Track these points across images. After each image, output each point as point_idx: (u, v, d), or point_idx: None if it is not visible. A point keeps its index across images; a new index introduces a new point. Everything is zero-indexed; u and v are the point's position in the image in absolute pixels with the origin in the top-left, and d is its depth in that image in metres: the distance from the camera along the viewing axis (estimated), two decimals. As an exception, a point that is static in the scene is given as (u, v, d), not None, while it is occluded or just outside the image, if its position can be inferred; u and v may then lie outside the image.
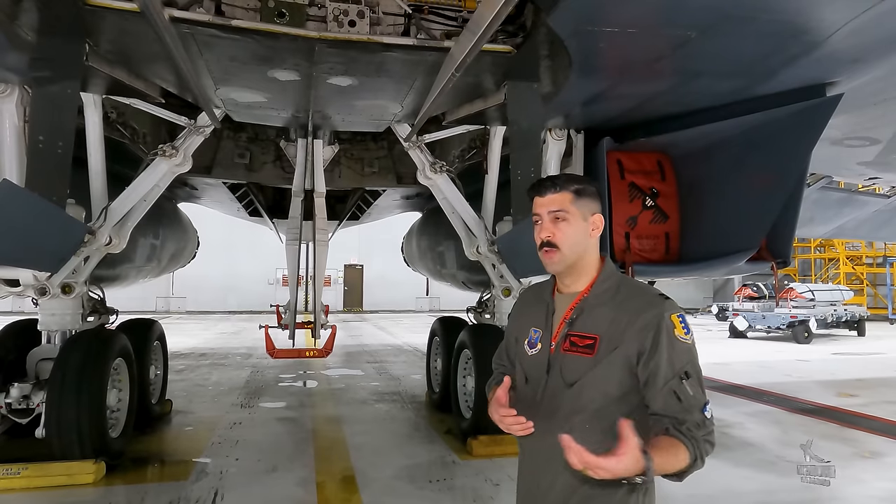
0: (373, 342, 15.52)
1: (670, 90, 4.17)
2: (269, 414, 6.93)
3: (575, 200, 1.62)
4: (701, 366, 1.57)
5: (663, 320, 1.52)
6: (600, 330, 1.56)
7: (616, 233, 4.98)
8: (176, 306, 27.76)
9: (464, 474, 4.79)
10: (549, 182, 1.65)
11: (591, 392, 1.54)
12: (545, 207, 1.63)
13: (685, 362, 1.51)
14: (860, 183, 8.80)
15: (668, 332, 1.52)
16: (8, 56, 3.60)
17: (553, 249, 1.61)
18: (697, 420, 1.48)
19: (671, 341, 1.51)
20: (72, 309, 5.07)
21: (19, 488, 4.27)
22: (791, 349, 14.84)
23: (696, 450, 1.45)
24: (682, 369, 1.50)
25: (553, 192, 1.62)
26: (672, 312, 1.54)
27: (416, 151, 5.53)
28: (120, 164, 5.31)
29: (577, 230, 1.62)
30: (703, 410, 1.49)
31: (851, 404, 7.86)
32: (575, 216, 1.62)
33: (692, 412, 1.48)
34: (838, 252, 28.89)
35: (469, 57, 3.13)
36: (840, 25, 3.13)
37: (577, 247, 1.62)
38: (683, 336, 1.53)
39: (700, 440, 1.47)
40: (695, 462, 1.46)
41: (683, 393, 1.49)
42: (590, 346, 1.56)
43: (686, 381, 1.49)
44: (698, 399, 1.50)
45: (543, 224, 1.63)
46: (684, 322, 1.55)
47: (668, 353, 1.50)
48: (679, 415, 1.49)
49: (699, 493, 4.48)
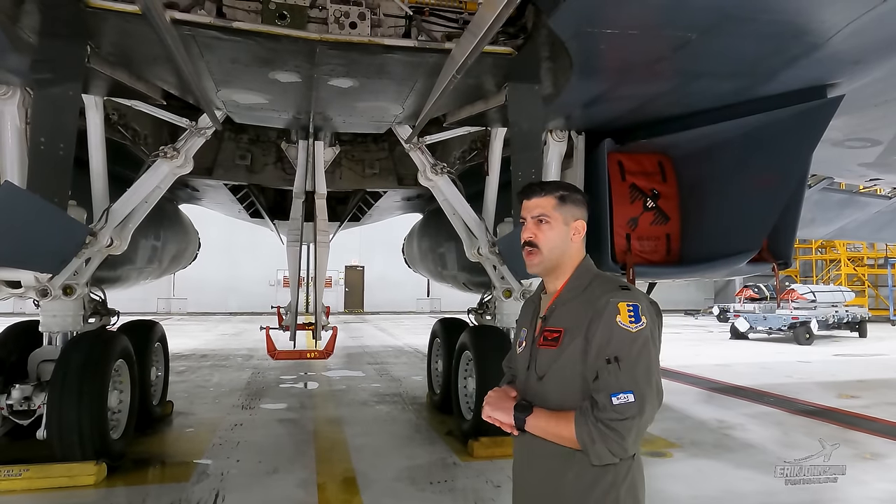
0: (374, 343, 15.52)
1: (671, 91, 4.17)
2: (270, 415, 6.93)
3: (558, 206, 1.70)
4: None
5: (608, 306, 1.56)
6: (566, 323, 1.64)
7: (617, 234, 4.97)
8: (177, 307, 27.78)
9: (465, 476, 4.79)
10: (536, 187, 1.76)
11: (554, 383, 1.61)
12: (530, 211, 1.73)
13: (618, 348, 1.52)
14: (861, 184, 8.81)
15: (610, 317, 1.55)
16: (10, 58, 3.61)
17: (534, 250, 1.71)
18: (599, 400, 1.49)
19: (610, 326, 1.54)
20: (73, 310, 5.08)
21: (21, 490, 4.27)
22: (792, 350, 14.82)
23: (581, 425, 1.49)
24: (612, 353, 1.52)
25: (538, 196, 1.73)
26: (622, 300, 1.56)
27: (417, 153, 5.53)
28: (121, 166, 5.31)
29: (557, 234, 1.70)
30: (613, 395, 1.48)
31: (853, 406, 7.85)
32: (557, 220, 1.70)
33: (599, 392, 1.50)
34: (839, 253, 28.89)
35: (470, 59, 3.13)
36: (841, 27, 3.12)
37: (556, 250, 1.70)
38: (626, 323, 1.54)
39: (593, 419, 1.48)
40: (580, 438, 1.49)
41: (602, 374, 1.52)
42: (555, 339, 1.63)
43: (610, 365, 1.51)
44: (611, 383, 1.50)
45: (527, 226, 1.73)
46: (634, 312, 1.55)
47: (604, 336, 1.54)
48: (591, 393, 1.52)
49: (701, 495, 4.48)
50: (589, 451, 1.50)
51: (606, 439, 1.47)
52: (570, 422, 1.51)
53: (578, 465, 1.56)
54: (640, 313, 1.55)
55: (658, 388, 1.54)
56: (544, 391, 1.63)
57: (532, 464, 1.66)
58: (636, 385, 1.49)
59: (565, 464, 1.57)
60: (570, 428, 1.51)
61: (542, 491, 1.63)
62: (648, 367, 1.53)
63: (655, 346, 1.58)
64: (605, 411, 1.48)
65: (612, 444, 1.48)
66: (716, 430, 6.46)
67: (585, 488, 1.55)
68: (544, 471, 1.62)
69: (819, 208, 8.78)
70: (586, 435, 1.48)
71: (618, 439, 1.47)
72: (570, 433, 1.51)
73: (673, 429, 6.37)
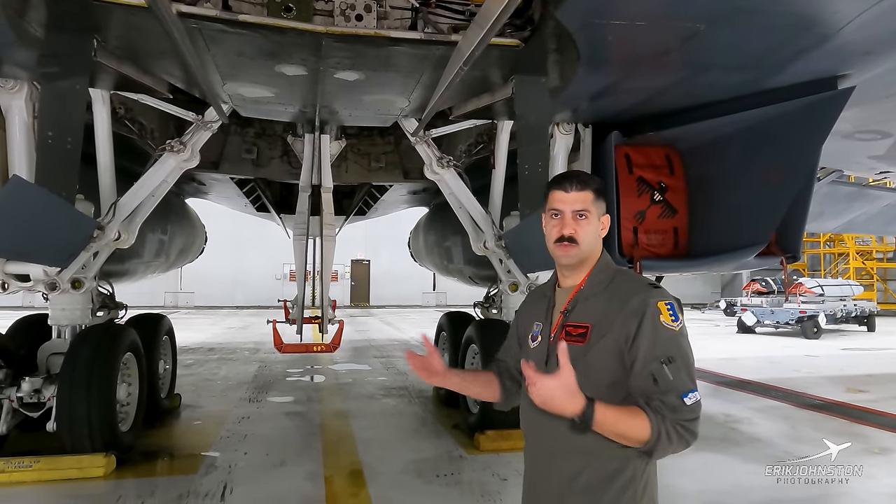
0: (380, 337, 15.55)
1: (679, 84, 4.13)
2: (277, 408, 6.97)
3: (595, 200, 1.67)
4: (697, 358, 1.58)
5: (649, 306, 1.54)
6: (592, 319, 1.61)
7: (624, 227, 4.96)
8: (184, 301, 27.91)
9: (471, 469, 4.80)
10: (574, 179, 1.67)
11: (582, 380, 1.54)
12: (569, 205, 1.65)
13: (668, 348, 1.51)
14: (871, 177, 8.72)
15: (653, 317, 1.53)
16: (17, 52, 3.62)
17: (573, 245, 1.65)
18: (671, 402, 1.47)
19: (655, 326, 1.53)
20: (81, 304, 5.11)
21: (31, 481, 4.31)
22: (800, 344, 14.75)
23: (659, 426, 1.46)
24: (664, 354, 1.51)
25: (577, 189, 1.65)
26: (659, 299, 1.56)
27: (423, 146, 5.52)
28: (128, 160, 5.33)
29: (594, 229, 1.68)
30: (683, 396, 1.48)
31: (861, 400, 7.82)
32: (594, 215, 1.67)
33: (667, 395, 1.48)
34: (848, 247, 28.69)
35: (477, 51, 3.11)
36: (852, 17, 3.08)
37: (592, 245, 1.68)
38: (669, 322, 1.53)
39: (668, 420, 1.46)
40: (658, 439, 1.46)
41: (661, 376, 1.49)
42: (582, 335, 1.60)
43: (667, 366, 1.50)
44: (677, 384, 1.49)
45: (565, 220, 1.65)
46: (672, 309, 1.55)
47: (650, 337, 1.52)
48: (653, 395, 1.50)
49: (708, 489, 4.48)
50: (661, 450, 1.48)
51: (683, 439, 1.48)
52: (638, 416, 1.46)
53: (599, 460, 1.54)
54: (677, 310, 1.56)
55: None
56: None
57: (554, 460, 1.62)
58: (694, 382, 1.51)
59: (586, 459, 1.56)
60: (643, 425, 1.46)
61: (562, 487, 1.60)
62: (693, 363, 1.55)
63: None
64: (680, 412, 1.47)
65: (686, 443, 1.49)
66: (723, 423, 6.45)
67: (605, 483, 1.54)
68: (567, 467, 1.59)
69: (828, 201, 8.71)
70: (665, 436, 1.46)
71: (691, 437, 1.49)
72: (638, 434, 1.46)
73: (679, 423, 6.35)
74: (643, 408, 1.48)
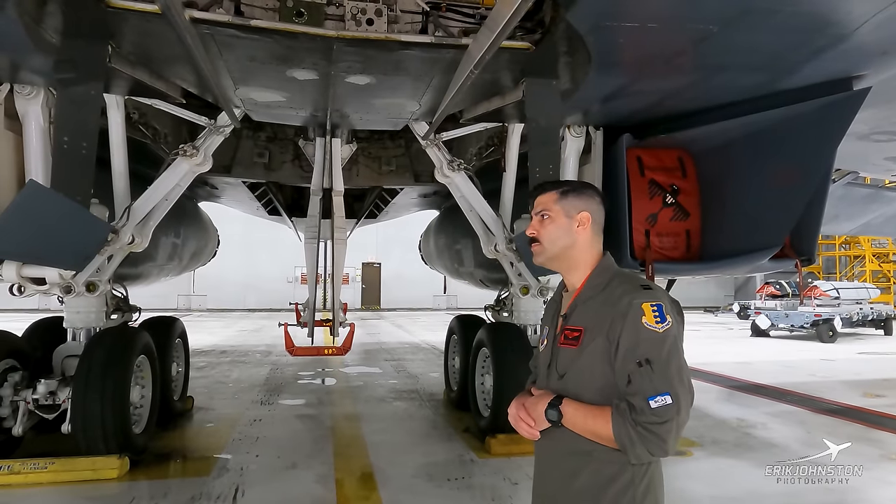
0: (390, 340, 15.57)
1: (691, 86, 4.10)
2: (289, 411, 6.99)
3: (559, 200, 1.74)
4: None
5: (632, 307, 1.55)
6: (586, 322, 1.64)
7: (636, 230, 4.92)
8: (197, 304, 28.13)
9: (482, 473, 4.78)
10: (541, 185, 1.82)
11: (574, 382, 1.61)
12: (535, 208, 1.79)
13: (647, 350, 1.51)
14: (887, 179, 8.60)
15: (635, 318, 1.54)
16: (34, 59, 3.67)
17: (536, 244, 1.76)
18: (637, 404, 1.48)
19: (637, 328, 1.53)
20: (96, 307, 5.16)
21: (46, 482, 4.36)
22: (815, 348, 14.57)
23: (619, 426, 1.47)
24: (642, 356, 1.51)
25: (541, 193, 1.78)
26: (645, 300, 1.55)
27: (434, 149, 5.52)
28: (142, 164, 5.38)
29: (558, 226, 1.73)
30: (650, 399, 1.47)
31: (878, 405, 7.70)
32: (558, 213, 1.74)
33: (635, 396, 1.49)
34: (864, 249, 28.32)
35: (487, 54, 3.11)
36: (868, 17, 3.05)
37: (558, 241, 1.73)
38: (653, 324, 1.53)
39: (632, 422, 1.47)
40: (619, 439, 1.48)
41: (635, 377, 1.50)
42: (575, 339, 1.64)
43: (642, 368, 1.50)
44: (647, 386, 1.48)
45: (532, 222, 1.79)
46: (660, 311, 1.54)
47: (631, 338, 1.53)
48: (624, 395, 1.51)
49: (722, 495, 4.43)
50: (628, 452, 1.49)
51: (647, 442, 1.46)
52: (606, 420, 1.51)
53: (597, 463, 1.56)
54: (665, 312, 1.54)
55: (690, 386, 1.53)
56: (565, 389, 1.64)
57: (555, 462, 1.66)
58: (671, 386, 1.48)
59: (584, 461, 1.57)
60: (603, 423, 1.51)
61: (560, 489, 1.63)
62: (680, 367, 1.52)
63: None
64: (643, 415, 1.47)
65: (653, 447, 1.47)
66: (737, 428, 6.38)
67: (602, 486, 1.55)
68: (566, 468, 1.61)
69: (843, 203, 8.60)
70: (626, 437, 1.47)
71: (659, 442, 1.47)
72: (606, 431, 1.51)
73: (693, 427, 6.29)
74: (613, 407, 1.51)
